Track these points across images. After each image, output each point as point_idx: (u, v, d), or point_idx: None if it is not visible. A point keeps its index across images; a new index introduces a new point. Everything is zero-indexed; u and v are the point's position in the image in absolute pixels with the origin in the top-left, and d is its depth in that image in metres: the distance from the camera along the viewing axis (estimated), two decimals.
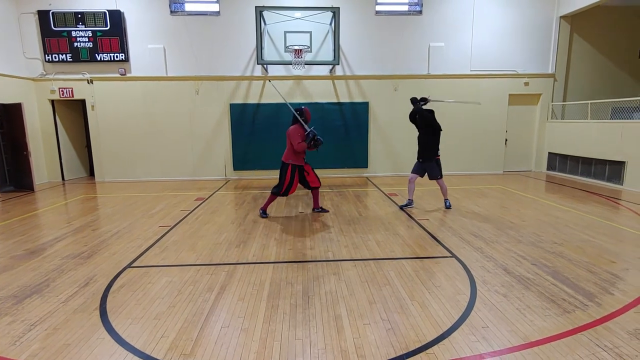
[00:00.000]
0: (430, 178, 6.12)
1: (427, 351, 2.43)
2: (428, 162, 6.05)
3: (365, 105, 9.82)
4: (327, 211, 6.22)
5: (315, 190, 6.05)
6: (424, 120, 5.92)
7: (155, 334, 2.66)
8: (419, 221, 5.55)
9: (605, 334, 2.60)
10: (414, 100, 6.08)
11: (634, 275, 3.57)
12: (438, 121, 5.98)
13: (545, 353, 2.39)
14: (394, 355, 2.39)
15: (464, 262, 3.93)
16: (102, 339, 2.60)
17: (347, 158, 10.07)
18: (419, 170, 6.18)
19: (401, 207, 6.34)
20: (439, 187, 6.28)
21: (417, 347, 2.47)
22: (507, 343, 2.50)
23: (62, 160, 9.90)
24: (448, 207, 6.24)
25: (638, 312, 2.88)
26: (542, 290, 3.25)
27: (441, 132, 6.01)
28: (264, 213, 5.98)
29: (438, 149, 6.04)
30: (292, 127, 5.66)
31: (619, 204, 6.57)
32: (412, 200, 6.36)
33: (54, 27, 8.99)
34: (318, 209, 6.22)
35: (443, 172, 6.18)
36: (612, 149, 8.11)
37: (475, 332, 2.64)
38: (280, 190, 5.72)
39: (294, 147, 5.55)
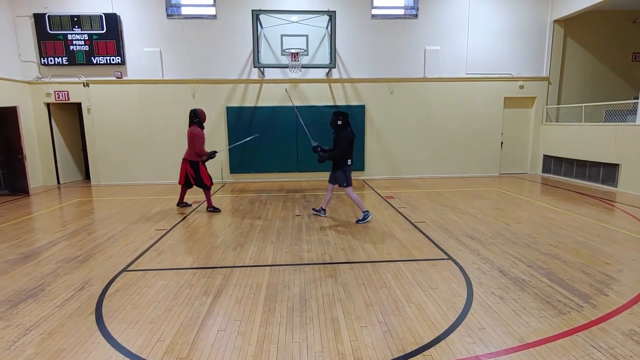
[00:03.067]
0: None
1: (424, 353, 2.43)
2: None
3: (361, 108, 9.85)
4: (219, 210, 6.48)
5: (208, 189, 6.51)
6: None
7: (152, 338, 2.65)
8: (415, 224, 5.57)
9: (600, 335, 2.62)
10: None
11: (628, 276, 3.60)
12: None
13: (541, 354, 2.40)
14: (390, 358, 2.39)
15: (461, 264, 3.94)
16: (98, 344, 2.59)
17: None
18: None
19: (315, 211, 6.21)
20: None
21: (414, 349, 2.48)
22: (503, 344, 2.51)
23: (58, 164, 9.83)
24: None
25: (632, 313, 2.91)
26: (538, 292, 3.27)
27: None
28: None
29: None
30: (194, 128, 6.15)
31: (613, 206, 6.62)
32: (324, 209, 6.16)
33: (50, 30, 8.97)
34: (211, 208, 6.55)
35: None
36: (606, 152, 8.17)
37: (472, 333, 2.65)
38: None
39: (196, 149, 6.15)
